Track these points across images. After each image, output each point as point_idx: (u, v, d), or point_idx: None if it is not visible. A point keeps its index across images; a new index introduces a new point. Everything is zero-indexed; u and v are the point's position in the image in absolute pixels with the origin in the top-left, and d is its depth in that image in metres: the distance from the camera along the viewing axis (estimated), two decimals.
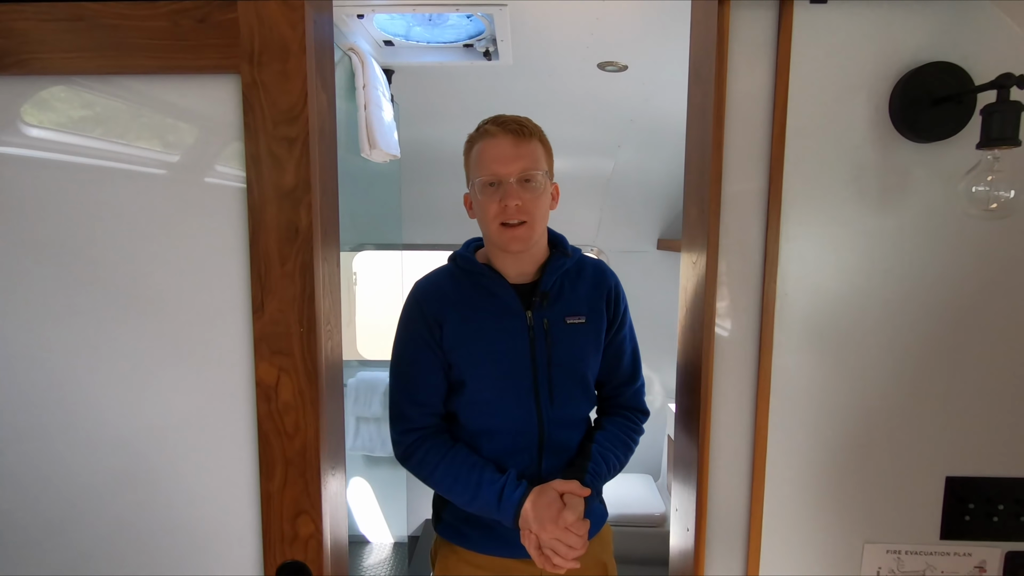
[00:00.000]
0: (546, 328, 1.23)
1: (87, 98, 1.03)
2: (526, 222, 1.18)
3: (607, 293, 1.30)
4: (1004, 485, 1.07)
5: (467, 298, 1.25)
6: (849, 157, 1.01)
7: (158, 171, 1.04)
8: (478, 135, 1.23)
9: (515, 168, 1.17)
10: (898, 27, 0.98)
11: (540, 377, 1.23)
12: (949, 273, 1.03)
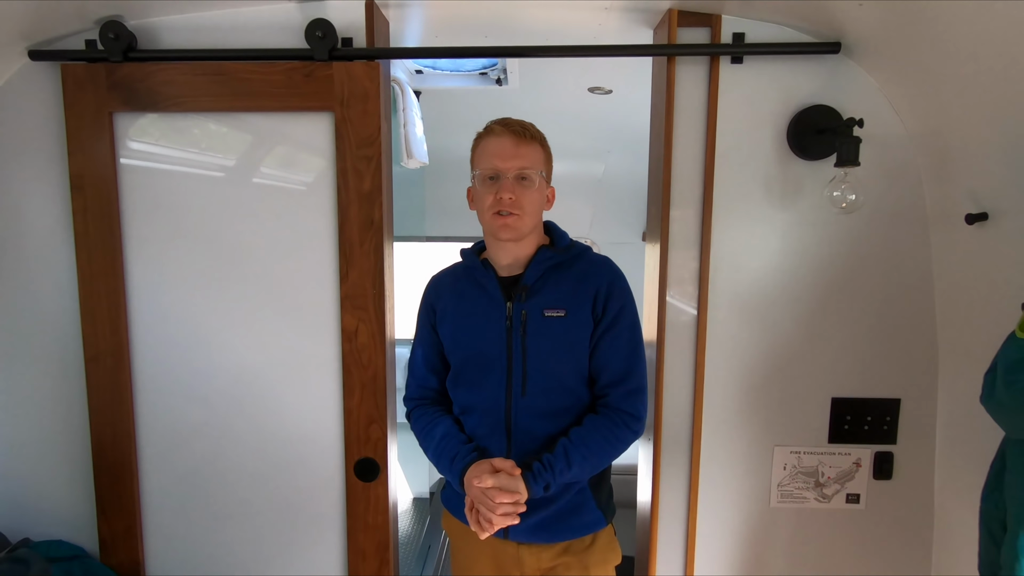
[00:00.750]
0: (524, 319, 1.26)
1: (223, 128, 1.45)
2: (518, 214, 1.22)
3: (595, 291, 1.27)
4: (871, 404, 1.50)
5: (461, 288, 1.34)
6: (760, 171, 1.44)
7: (273, 181, 1.46)
8: (484, 133, 1.29)
9: (513, 165, 1.22)
10: (792, 79, 1.41)
11: (515, 366, 1.26)
12: (826, 250, 1.45)
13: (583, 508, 1.30)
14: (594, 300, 1.26)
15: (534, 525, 1.26)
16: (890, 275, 1.46)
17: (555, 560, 1.31)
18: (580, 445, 1.23)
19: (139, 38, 1.41)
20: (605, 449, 1.25)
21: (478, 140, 1.30)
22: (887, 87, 1.38)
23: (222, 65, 1.40)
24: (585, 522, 1.30)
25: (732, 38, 1.39)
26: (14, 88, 1.43)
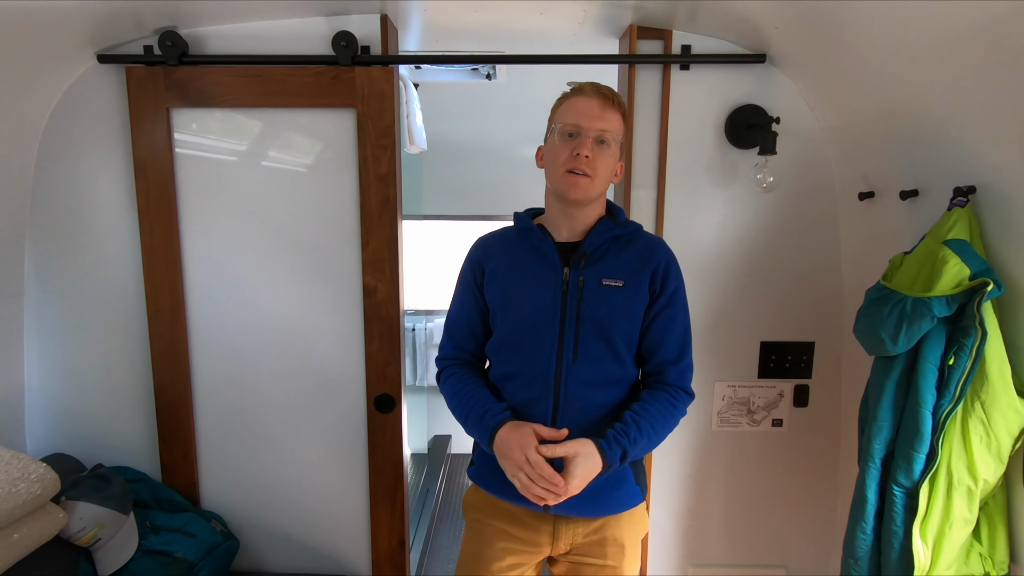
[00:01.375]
0: (580, 285, 1.24)
1: (263, 122, 1.74)
2: (590, 175, 1.21)
3: (654, 267, 1.27)
4: (792, 346, 1.86)
5: (513, 250, 1.31)
6: (702, 157, 1.77)
7: (305, 166, 1.76)
8: (572, 93, 1.26)
9: (596, 126, 1.20)
10: (728, 83, 1.74)
11: (567, 331, 1.23)
12: (756, 221, 1.80)
13: (624, 483, 1.30)
14: (652, 276, 1.26)
15: (579, 498, 1.20)
16: (806, 241, 1.81)
17: (591, 536, 1.30)
18: (647, 417, 1.22)
19: (191, 45, 1.68)
20: (666, 422, 1.25)
21: (564, 99, 1.27)
22: (804, 90, 1.72)
23: (262, 68, 1.69)
24: (625, 497, 1.30)
25: (681, 49, 1.72)
26: (84, 86, 1.70)
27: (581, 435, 1.20)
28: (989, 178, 1.23)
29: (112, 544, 1.62)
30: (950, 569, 1.26)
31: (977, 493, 1.23)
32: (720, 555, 1.98)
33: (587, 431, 1.21)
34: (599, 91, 1.24)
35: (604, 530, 1.30)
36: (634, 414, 1.22)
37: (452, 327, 1.37)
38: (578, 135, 1.21)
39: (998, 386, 1.18)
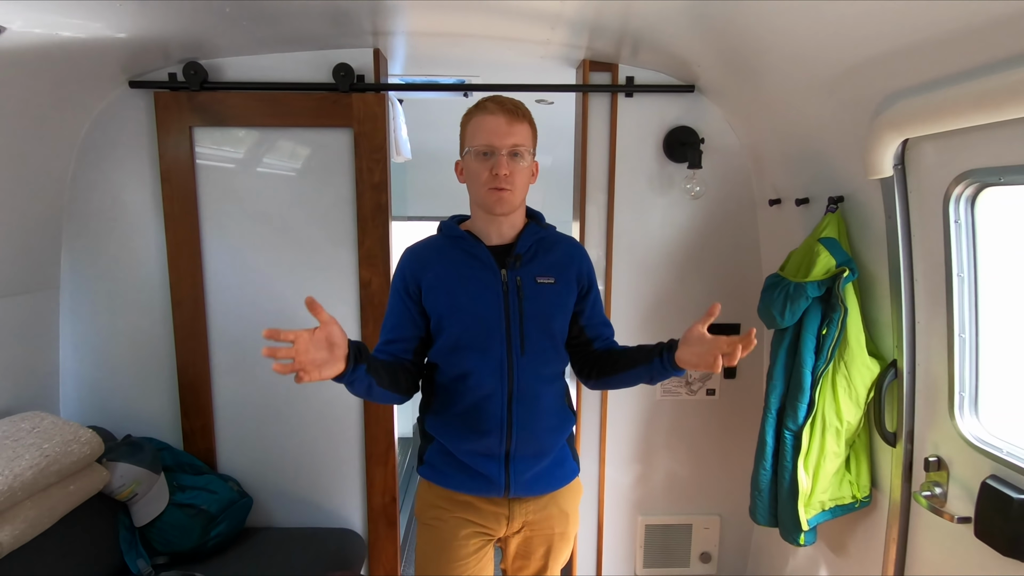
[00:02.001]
0: (519, 285, 1.33)
1: (272, 139, 2.04)
2: (511, 189, 1.28)
3: (579, 267, 1.40)
4: (721, 327, 2.20)
5: (448, 257, 1.37)
6: (644, 170, 2.12)
7: (309, 176, 2.06)
8: (477, 110, 1.32)
9: (507, 142, 1.27)
10: (665, 108, 2.08)
11: (512, 327, 1.32)
12: (690, 223, 2.16)
13: (566, 461, 1.45)
14: (578, 275, 1.40)
15: (531, 479, 1.36)
16: (732, 239, 2.18)
17: (540, 511, 1.41)
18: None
19: (211, 73, 1.97)
20: None
21: (471, 116, 1.33)
22: (727, 114, 2.08)
23: (272, 94, 1.98)
24: (567, 472, 1.46)
25: (626, 80, 2.06)
26: (117, 107, 1.98)
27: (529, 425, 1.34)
28: (851, 190, 1.60)
29: (146, 499, 1.90)
30: (825, 493, 1.63)
31: (843, 433, 1.59)
32: (665, 506, 2.34)
33: (535, 421, 1.35)
34: (503, 106, 1.30)
35: (550, 503, 1.42)
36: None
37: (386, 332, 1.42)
38: (492, 154, 1.28)
39: (856, 349, 1.55)
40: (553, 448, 1.40)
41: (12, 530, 1.49)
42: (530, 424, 1.35)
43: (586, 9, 1.64)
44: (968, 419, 1.34)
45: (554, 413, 1.41)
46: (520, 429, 1.34)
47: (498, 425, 1.34)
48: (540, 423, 1.36)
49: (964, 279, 1.30)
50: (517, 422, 1.34)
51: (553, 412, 1.40)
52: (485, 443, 1.35)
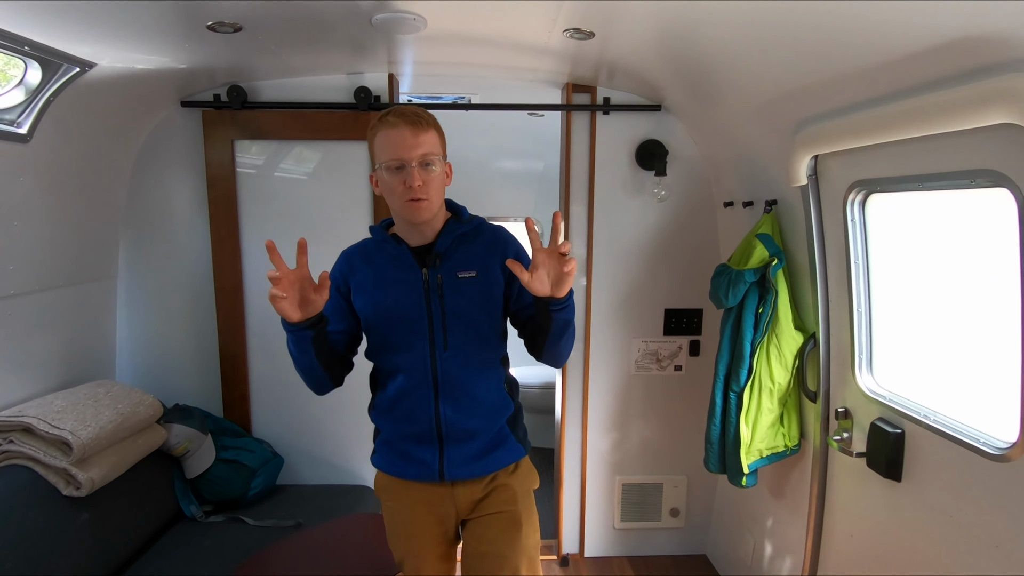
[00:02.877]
0: (440, 282, 1.37)
1: (302, 150, 2.39)
2: (426, 198, 1.30)
3: (501, 255, 1.39)
4: (687, 312, 2.58)
5: (374, 260, 1.43)
6: (619, 177, 2.48)
7: (332, 181, 2.41)
8: (381, 124, 1.32)
9: (416, 154, 1.28)
10: (637, 124, 2.44)
11: (435, 324, 1.38)
12: (659, 222, 2.52)
13: (505, 443, 1.48)
14: (502, 261, 1.36)
15: (463, 461, 1.43)
16: (694, 236, 2.54)
17: (485, 489, 1.47)
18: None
19: (250, 94, 2.32)
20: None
21: (375, 131, 1.33)
22: (689, 129, 2.44)
23: (302, 112, 2.33)
24: (507, 454, 1.49)
25: (603, 100, 2.42)
26: (170, 123, 2.32)
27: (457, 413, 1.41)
28: (782, 195, 1.96)
29: (197, 455, 2.25)
30: (763, 443, 1.99)
31: (776, 392, 1.95)
32: (639, 467, 2.69)
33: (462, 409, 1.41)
34: (406, 118, 1.30)
35: (495, 482, 1.47)
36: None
37: None
38: (403, 167, 1.29)
39: (784, 324, 1.91)
40: (485, 432, 1.45)
41: (99, 471, 1.83)
42: (458, 412, 1.41)
43: (568, 44, 1.99)
44: (865, 376, 1.71)
45: (485, 399, 1.45)
46: (448, 417, 1.41)
47: (427, 415, 1.41)
48: (468, 410, 1.42)
49: (859, 265, 1.67)
50: (444, 411, 1.41)
51: (484, 399, 1.44)
52: (417, 431, 1.43)
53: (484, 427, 1.46)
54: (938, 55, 1.14)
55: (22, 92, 1.73)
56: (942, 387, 1.50)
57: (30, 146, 1.79)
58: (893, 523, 1.58)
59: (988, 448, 1.27)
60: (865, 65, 1.33)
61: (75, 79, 1.78)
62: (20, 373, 1.93)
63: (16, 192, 1.80)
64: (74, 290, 2.17)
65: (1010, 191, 1.14)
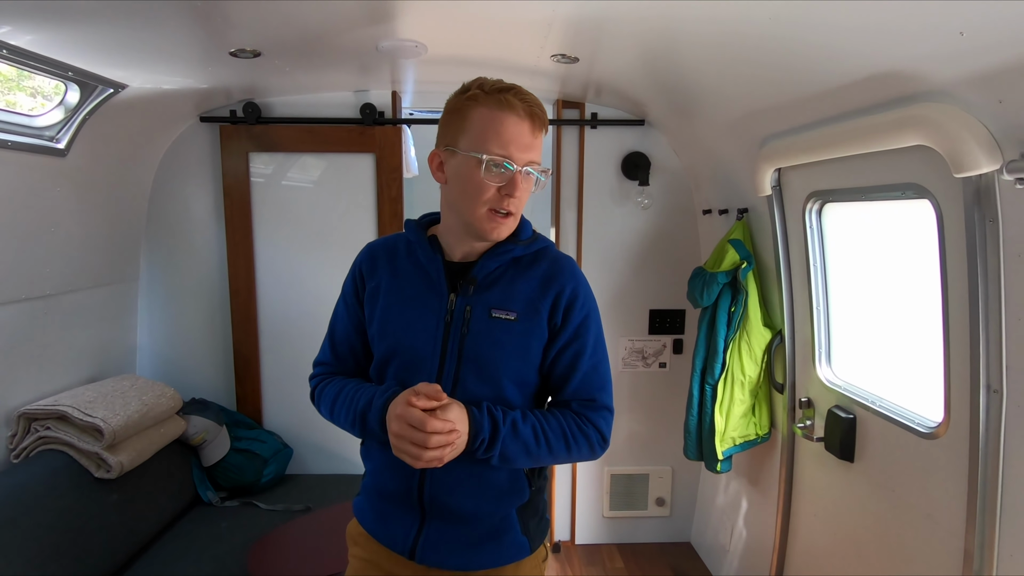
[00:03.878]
0: (466, 317, 1.07)
1: (312, 161, 2.57)
2: (516, 213, 1.06)
3: (555, 295, 1.08)
4: (670, 312, 2.75)
5: (398, 266, 1.14)
6: (606, 187, 2.66)
7: (340, 190, 2.59)
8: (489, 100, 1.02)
9: (527, 157, 1.03)
10: (622, 137, 2.63)
11: (446, 369, 1.07)
12: (644, 228, 2.70)
13: (506, 534, 1.13)
14: (552, 306, 1.08)
15: (446, 546, 1.11)
16: (676, 241, 2.72)
17: None
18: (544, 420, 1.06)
19: (264, 110, 2.51)
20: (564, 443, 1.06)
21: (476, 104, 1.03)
22: (671, 142, 2.63)
23: (312, 126, 2.52)
24: (508, 548, 1.13)
25: (591, 115, 2.60)
26: (189, 136, 2.51)
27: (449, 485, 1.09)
28: (752, 204, 2.14)
29: (213, 445, 2.42)
30: (736, 431, 2.16)
31: (747, 385, 2.13)
32: (627, 460, 2.86)
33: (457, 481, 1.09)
34: (529, 107, 1.03)
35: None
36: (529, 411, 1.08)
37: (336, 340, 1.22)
38: (507, 168, 1.02)
39: (754, 322, 2.08)
40: (483, 516, 1.11)
41: (127, 455, 2.00)
42: (448, 485, 1.09)
43: (557, 67, 2.17)
44: (824, 368, 1.88)
45: (488, 477, 1.11)
46: (433, 488, 1.09)
47: (406, 476, 1.10)
48: (463, 486, 1.10)
49: (817, 267, 1.84)
50: (431, 483, 1.09)
51: (486, 476, 1.10)
52: (396, 491, 1.12)
53: (481, 510, 1.12)
54: (868, 85, 1.33)
55: (61, 111, 1.92)
56: (887, 375, 1.67)
57: (67, 159, 1.98)
58: (847, 500, 1.76)
59: (920, 427, 1.45)
60: (813, 91, 1.52)
61: (109, 99, 1.97)
62: (54, 367, 2.11)
63: (53, 201, 1.98)
64: (100, 291, 2.34)
65: (930, 202, 1.32)
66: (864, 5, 1.09)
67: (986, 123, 1.09)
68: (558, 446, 1.07)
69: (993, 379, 1.20)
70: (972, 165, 1.11)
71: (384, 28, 1.73)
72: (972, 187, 1.17)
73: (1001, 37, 0.98)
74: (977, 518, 1.25)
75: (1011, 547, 1.21)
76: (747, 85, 1.75)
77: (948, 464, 1.35)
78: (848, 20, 1.17)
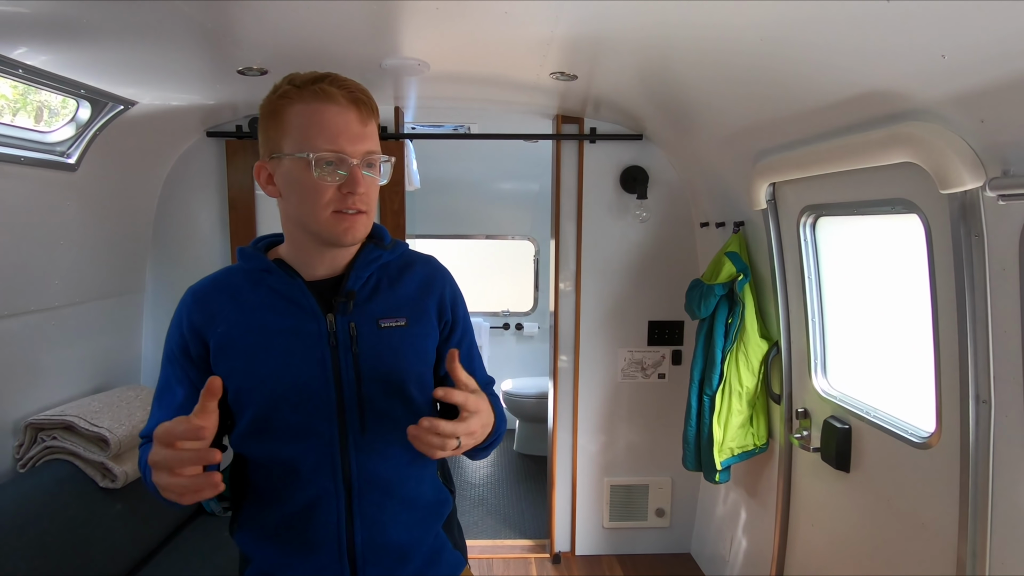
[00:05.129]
0: (353, 335, 0.98)
1: None
2: (367, 211, 0.96)
3: (440, 296, 1.06)
4: (669, 323, 2.78)
5: (246, 300, 1.00)
6: (605, 199, 2.70)
7: None
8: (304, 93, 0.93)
9: (362, 148, 0.93)
10: (621, 151, 2.67)
11: (347, 397, 0.97)
12: (642, 240, 2.73)
13: (442, 553, 1.10)
14: (439, 307, 1.06)
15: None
16: (674, 253, 2.75)
17: None
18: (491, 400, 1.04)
19: None
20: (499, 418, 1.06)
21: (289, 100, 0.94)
22: (668, 156, 2.67)
23: None
24: (445, 567, 1.10)
25: (590, 130, 2.65)
26: (196, 151, 2.56)
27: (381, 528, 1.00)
28: (748, 217, 2.18)
29: None
30: (734, 442, 2.18)
31: (744, 395, 2.15)
32: (627, 469, 2.88)
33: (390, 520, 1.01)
34: (349, 94, 0.94)
35: None
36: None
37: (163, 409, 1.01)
38: (341, 164, 0.92)
39: (751, 333, 2.11)
40: (420, 545, 1.05)
41: (132, 465, 2.03)
42: (383, 526, 1.01)
43: (556, 84, 2.22)
44: (820, 379, 1.91)
45: (419, 499, 1.06)
46: (368, 536, 1.00)
47: (334, 535, 0.99)
48: (396, 520, 1.02)
49: (812, 279, 1.88)
50: (362, 527, 0.99)
51: (418, 500, 1.05)
52: (317, 561, 1.00)
53: (418, 539, 1.05)
54: (855, 103, 1.37)
55: (72, 128, 1.97)
56: (881, 386, 1.70)
57: (77, 174, 2.02)
58: (844, 510, 1.77)
59: (913, 438, 1.47)
60: (803, 108, 1.56)
61: (119, 115, 2.02)
62: (60, 377, 2.14)
63: (63, 215, 2.03)
64: (106, 303, 2.38)
65: (919, 217, 1.35)
66: (848, 28, 1.14)
67: (969, 141, 1.13)
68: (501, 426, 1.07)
69: (982, 390, 1.23)
70: (957, 182, 1.14)
71: (388, 47, 1.78)
72: (958, 203, 1.20)
73: (981, 59, 1.02)
74: (969, 526, 1.27)
75: (1002, 555, 1.23)
76: (741, 102, 1.79)
77: (941, 474, 1.38)
78: (834, 42, 1.22)
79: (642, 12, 1.37)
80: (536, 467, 3.91)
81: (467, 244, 4.55)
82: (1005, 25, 0.93)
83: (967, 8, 0.94)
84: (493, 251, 4.65)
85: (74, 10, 1.33)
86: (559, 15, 1.44)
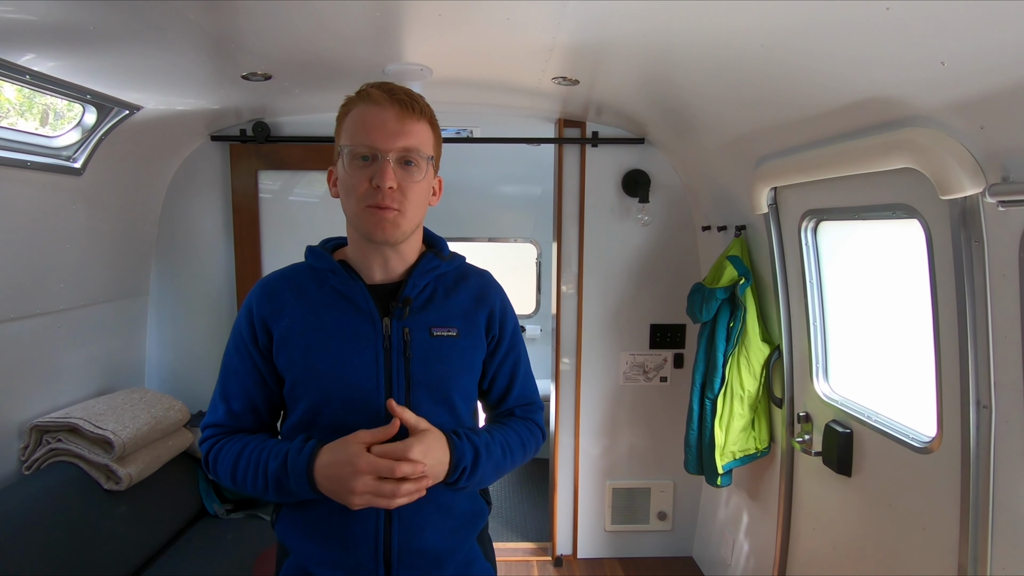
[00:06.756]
0: (406, 339, 1.01)
1: (317, 178, 2.63)
2: (398, 209, 0.97)
3: (490, 310, 1.10)
4: (671, 327, 2.79)
5: (311, 298, 1.04)
6: (607, 203, 2.71)
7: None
8: (358, 98, 1.01)
9: (396, 144, 0.97)
10: (623, 155, 2.68)
11: (396, 397, 1.01)
12: (643, 243, 2.74)
13: (475, 563, 1.12)
14: (488, 320, 1.09)
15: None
16: (676, 257, 2.76)
17: None
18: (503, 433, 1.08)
19: (272, 129, 2.57)
20: (522, 451, 1.10)
21: (349, 107, 1.02)
22: (670, 159, 2.68)
23: (319, 145, 2.58)
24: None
25: (592, 134, 2.66)
26: (200, 155, 2.58)
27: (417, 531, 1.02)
28: (749, 221, 2.19)
29: None
30: (735, 445, 2.18)
31: (746, 399, 2.15)
32: (628, 473, 2.88)
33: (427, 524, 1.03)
34: (394, 96, 0.99)
35: None
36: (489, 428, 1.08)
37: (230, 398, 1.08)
38: (375, 159, 0.97)
39: (752, 337, 2.12)
40: (455, 554, 1.07)
41: (136, 467, 2.04)
42: (419, 530, 1.03)
43: (558, 88, 2.24)
44: (821, 383, 1.91)
45: (456, 507, 1.08)
46: (404, 539, 1.02)
47: (372, 536, 1.01)
48: (434, 526, 1.04)
49: (813, 283, 1.88)
50: (400, 529, 1.02)
51: (456, 508, 1.07)
52: (353, 559, 1.02)
53: (454, 547, 1.07)
54: (855, 109, 1.37)
55: (78, 132, 1.98)
56: (883, 390, 1.70)
57: (83, 178, 2.04)
58: (845, 514, 1.78)
59: (914, 442, 1.47)
60: (804, 114, 1.57)
61: (124, 120, 2.03)
62: (65, 380, 2.15)
63: (68, 219, 2.04)
64: (111, 306, 2.39)
65: (919, 221, 1.36)
66: (849, 34, 1.14)
67: (969, 147, 1.14)
68: (519, 455, 1.11)
69: (982, 395, 1.23)
70: (957, 188, 1.15)
71: (391, 53, 1.79)
72: (958, 208, 1.21)
73: (980, 67, 1.02)
74: (970, 530, 1.27)
75: (1003, 558, 1.23)
76: (742, 107, 1.80)
77: (942, 478, 1.38)
78: (835, 48, 1.22)
79: (644, 18, 1.38)
80: (538, 470, 3.91)
81: (470, 247, 4.55)
82: (1004, 33, 0.93)
83: (967, 16, 0.95)
84: (495, 254, 4.66)
85: (81, 17, 1.34)
86: (561, 21, 1.45)
